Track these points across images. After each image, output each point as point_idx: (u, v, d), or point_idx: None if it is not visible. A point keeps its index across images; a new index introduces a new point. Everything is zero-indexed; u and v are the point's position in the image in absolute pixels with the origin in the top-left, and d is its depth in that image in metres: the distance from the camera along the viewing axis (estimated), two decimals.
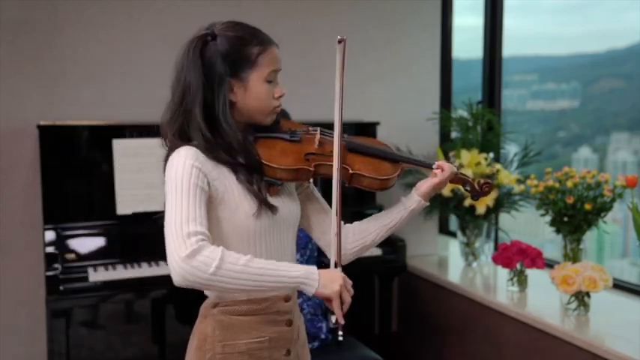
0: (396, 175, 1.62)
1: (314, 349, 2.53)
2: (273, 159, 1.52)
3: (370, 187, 1.61)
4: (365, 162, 1.61)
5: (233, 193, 1.49)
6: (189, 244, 1.34)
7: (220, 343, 1.53)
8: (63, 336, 2.68)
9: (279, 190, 1.57)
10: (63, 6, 3.06)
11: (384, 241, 3.36)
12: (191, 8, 3.22)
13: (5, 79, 3.00)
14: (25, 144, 3.03)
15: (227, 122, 1.50)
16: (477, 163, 3.25)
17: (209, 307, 1.57)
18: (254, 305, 1.54)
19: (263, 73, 1.52)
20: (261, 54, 1.52)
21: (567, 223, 2.71)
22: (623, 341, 2.38)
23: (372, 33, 3.58)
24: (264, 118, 1.57)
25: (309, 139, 1.61)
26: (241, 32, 1.53)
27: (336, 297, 1.42)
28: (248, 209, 1.49)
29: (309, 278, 1.40)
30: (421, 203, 1.65)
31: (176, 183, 1.42)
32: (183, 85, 1.50)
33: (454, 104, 3.84)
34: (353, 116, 3.53)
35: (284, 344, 1.59)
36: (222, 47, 1.50)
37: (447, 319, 3.30)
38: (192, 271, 1.33)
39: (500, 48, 3.71)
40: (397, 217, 1.66)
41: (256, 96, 1.53)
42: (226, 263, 1.34)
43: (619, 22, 4.31)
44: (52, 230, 2.79)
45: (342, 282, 1.43)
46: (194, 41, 1.51)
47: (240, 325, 1.54)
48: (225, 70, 1.49)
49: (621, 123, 4.63)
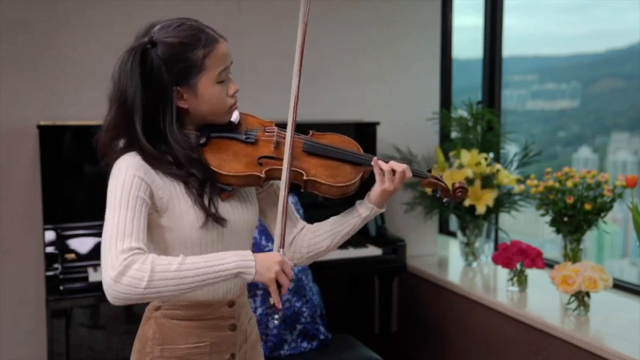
0: (358, 180, 1.53)
1: (314, 350, 2.54)
2: (223, 165, 1.45)
3: (327, 194, 1.52)
4: (323, 166, 1.51)
5: (179, 202, 1.43)
6: (117, 264, 1.27)
7: (159, 347, 1.50)
8: (63, 336, 2.67)
9: (232, 194, 1.50)
10: (63, 6, 3.06)
11: (384, 241, 3.37)
12: (191, 8, 3.22)
13: (5, 79, 3.00)
14: (25, 144, 3.03)
15: (173, 136, 1.41)
16: (477, 163, 3.25)
17: (152, 309, 1.54)
18: (195, 310, 1.50)
19: (212, 75, 1.44)
20: (207, 56, 1.43)
21: (567, 223, 2.71)
22: (623, 341, 2.38)
23: (372, 33, 3.58)
24: (220, 119, 1.49)
25: (265, 141, 1.51)
26: (182, 36, 1.43)
27: (272, 282, 1.35)
28: (194, 219, 1.42)
29: (245, 267, 1.34)
30: (374, 210, 1.56)
31: (115, 195, 1.36)
32: (123, 99, 1.40)
33: (454, 104, 3.84)
34: (353, 116, 3.53)
35: (227, 349, 1.55)
36: (164, 55, 1.40)
37: (447, 319, 3.30)
38: (125, 290, 1.27)
39: (500, 48, 3.71)
40: (351, 224, 1.58)
41: (209, 100, 1.45)
42: (157, 273, 1.28)
43: (619, 22, 4.31)
44: (52, 230, 2.79)
45: (279, 267, 1.36)
46: (132, 51, 1.41)
47: (180, 330, 1.50)
48: (171, 80, 1.40)
49: (621, 123, 4.63)
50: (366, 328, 3.57)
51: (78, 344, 3.08)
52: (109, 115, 1.44)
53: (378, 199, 1.55)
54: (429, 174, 1.60)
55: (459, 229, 3.45)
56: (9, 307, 3.09)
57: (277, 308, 1.38)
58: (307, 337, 2.51)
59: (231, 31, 3.53)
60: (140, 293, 1.27)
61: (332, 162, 1.53)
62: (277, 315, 1.41)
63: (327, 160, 1.53)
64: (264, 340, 2.44)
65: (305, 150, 1.52)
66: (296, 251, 1.61)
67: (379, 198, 1.55)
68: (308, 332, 2.51)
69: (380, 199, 1.55)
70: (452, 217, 3.71)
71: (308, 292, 2.52)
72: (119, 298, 1.28)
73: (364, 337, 3.15)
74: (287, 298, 2.47)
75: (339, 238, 1.59)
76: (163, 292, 1.30)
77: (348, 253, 3.10)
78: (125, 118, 1.40)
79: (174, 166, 1.42)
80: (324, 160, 1.52)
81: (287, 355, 2.48)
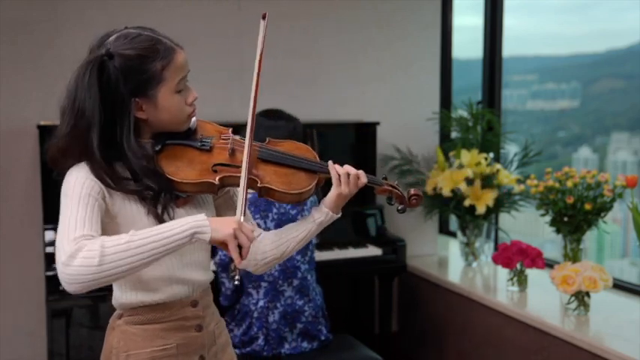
0: (313, 187, 1.54)
1: (314, 349, 2.54)
2: (177, 172, 1.44)
3: (282, 201, 1.54)
4: (277, 173, 1.52)
5: (132, 209, 1.42)
6: (68, 249, 1.25)
7: (124, 354, 1.49)
8: (63, 336, 2.68)
9: (187, 200, 1.50)
10: (63, 6, 3.06)
11: (384, 241, 3.37)
12: (191, 8, 3.23)
13: (5, 79, 3.00)
14: (25, 144, 3.03)
15: (130, 148, 1.40)
16: (477, 163, 3.26)
17: (115, 318, 1.54)
18: (157, 313, 1.50)
19: (171, 85, 1.42)
20: (165, 67, 1.41)
21: (567, 223, 2.71)
22: (623, 341, 2.38)
23: (372, 33, 3.58)
24: (179, 127, 1.48)
25: (220, 148, 1.50)
26: (140, 48, 1.40)
27: (231, 239, 1.32)
28: (147, 226, 1.39)
29: (200, 226, 1.31)
30: (329, 215, 1.57)
31: (66, 195, 1.36)
32: (80, 113, 1.37)
33: (454, 104, 3.84)
34: (353, 116, 3.53)
35: (195, 350, 1.54)
36: (121, 67, 1.38)
37: (446, 319, 3.30)
38: (77, 272, 1.24)
39: (500, 48, 3.71)
40: (307, 229, 1.58)
41: (168, 109, 1.44)
42: (108, 248, 1.25)
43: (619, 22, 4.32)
44: (52, 230, 2.79)
45: (236, 225, 1.33)
46: (89, 64, 1.38)
47: (144, 334, 1.49)
48: (129, 92, 1.39)
49: (621, 123, 4.63)
50: (366, 328, 3.57)
51: (78, 344, 3.07)
52: (63, 128, 1.41)
53: (332, 204, 1.57)
54: (384, 181, 1.61)
55: (459, 229, 3.45)
56: (9, 307, 3.09)
57: (238, 269, 1.35)
58: (308, 337, 2.51)
59: (231, 31, 3.55)
60: (94, 272, 1.24)
61: (287, 169, 1.54)
62: (237, 276, 1.37)
63: (282, 167, 1.53)
64: (265, 336, 2.45)
65: (260, 157, 1.53)
66: (252, 257, 1.60)
67: (334, 202, 1.56)
68: (309, 332, 2.51)
69: (334, 204, 1.57)
70: (452, 217, 3.71)
71: (311, 292, 2.52)
72: (72, 282, 1.24)
73: (364, 337, 3.15)
74: (289, 295, 2.48)
75: (294, 244, 1.60)
76: (119, 267, 1.26)
77: (348, 253, 3.10)
78: (81, 132, 1.38)
79: (129, 181, 1.41)
80: (278, 167, 1.53)
81: (287, 354, 2.48)
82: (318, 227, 1.59)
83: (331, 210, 1.57)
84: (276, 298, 2.46)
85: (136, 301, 1.50)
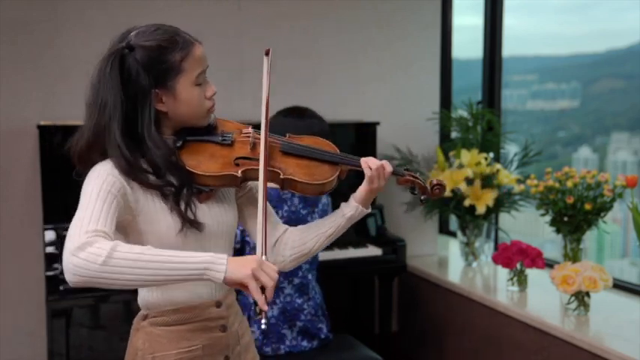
0: (335, 178, 1.55)
1: (314, 349, 2.54)
2: (199, 165, 1.46)
3: (304, 192, 1.54)
4: (300, 165, 1.54)
5: (155, 209, 1.43)
6: (79, 240, 1.25)
7: (150, 356, 1.49)
8: (63, 336, 2.67)
9: (210, 196, 1.51)
10: (63, 6, 3.06)
11: (384, 241, 3.37)
12: (191, 8, 3.23)
13: (5, 79, 3.00)
14: (25, 144, 3.03)
15: (151, 138, 1.42)
16: (477, 163, 3.26)
17: (140, 319, 1.54)
18: (182, 314, 1.50)
19: (190, 77, 1.45)
20: (184, 59, 1.44)
21: (567, 223, 2.71)
22: (623, 341, 2.38)
23: (372, 33, 3.58)
24: (199, 122, 1.51)
25: (241, 142, 1.53)
26: (159, 39, 1.43)
27: (251, 280, 1.28)
28: (170, 226, 1.42)
29: (215, 263, 1.28)
30: (359, 210, 1.58)
31: (86, 192, 1.37)
32: (103, 105, 1.42)
33: (454, 104, 3.85)
34: (353, 116, 3.53)
35: (220, 351, 1.54)
36: (142, 59, 1.42)
37: (447, 319, 3.30)
38: (82, 264, 1.22)
39: (500, 48, 3.72)
40: (335, 224, 1.59)
41: (187, 102, 1.46)
42: (118, 252, 1.24)
43: (619, 22, 4.32)
44: (52, 230, 2.79)
45: (256, 265, 1.29)
46: (110, 57, 1.42)
47: (170, 336, 1.49)
48: (150, 83, 1.42)
49: (621, 123, 4.63)
50: (366, 328, 3.57)
51: (78, 344, 3.08)
52: (87, 122, 1.45)
53: (362, 198, 1.58)
54: (406, 172, 1.62)
55: (459, 229, 3.45)
56: (9, 307, 3.09)
57: (264, 312, 1.30)
58: (307, 336, 2.51)
59: (231, 31, 3.55)
60: (95, 270, 1.22)
61: (309, 161, 1.55)
62: (264, 319, 1.31)
63: (305, 159, 1.55)
64: (262, 331, 2.45)
65: (282, 150, 1.55)
66: (279, 254, 1.61)
67: (364, 197, 1.57)
68: (308, 331, 2.51)
69: (365, 198, 1.57)
70: (452, 217, 3.71)
71: (311, 290, 2.52)
72: (75, 273, 1.23)
73: (364, 337, 3.15)
74: (288, 293, 2.48)
75: (323, 239, 1.60)
76: (120, 275, 1.24)
77: (348, 253, 3.10)
78: (104, 124, 1.41)
79: (151, 175, 1.42)
80: (301, 159, 1.55)
81: (286, 352, 2.48)
82: (348, 222, 1.59)
83: (361, 204, 1.58)
84: (275, 295, 2.46)
85: (162, 299, 1.50)
